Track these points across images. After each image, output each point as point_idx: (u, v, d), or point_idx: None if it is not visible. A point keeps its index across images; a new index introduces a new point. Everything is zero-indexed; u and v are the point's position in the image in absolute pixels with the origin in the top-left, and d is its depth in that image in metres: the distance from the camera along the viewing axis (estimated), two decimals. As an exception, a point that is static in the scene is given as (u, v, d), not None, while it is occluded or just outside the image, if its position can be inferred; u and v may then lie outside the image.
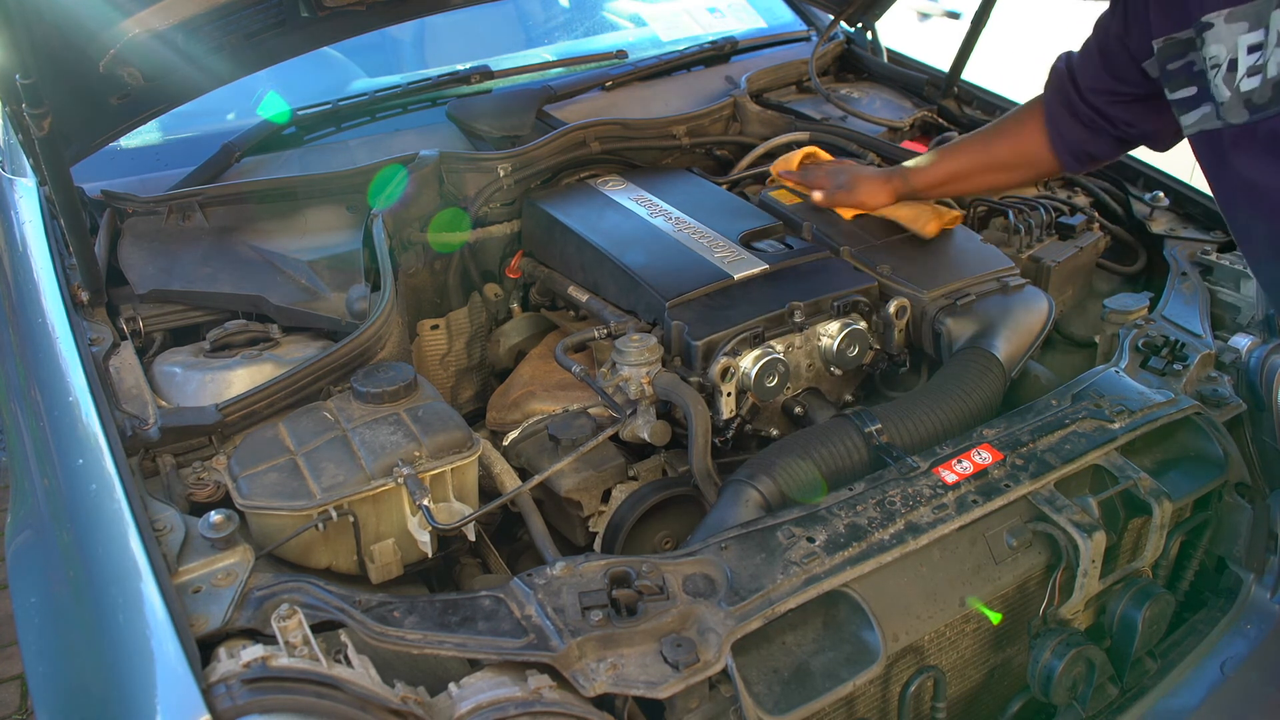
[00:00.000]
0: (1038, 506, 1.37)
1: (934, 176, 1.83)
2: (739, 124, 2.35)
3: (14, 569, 1.35)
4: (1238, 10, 1.21)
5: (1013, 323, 1.65)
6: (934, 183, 1.84)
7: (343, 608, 1.09)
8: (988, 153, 1.78)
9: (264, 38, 1.74)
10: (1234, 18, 1.21)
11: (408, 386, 1.41)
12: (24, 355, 1.55)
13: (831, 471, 1.40)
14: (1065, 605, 1.38)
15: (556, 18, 3.03)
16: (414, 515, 1.31)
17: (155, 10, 1.54)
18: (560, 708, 1.04)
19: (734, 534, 1.25)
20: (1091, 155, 1.66)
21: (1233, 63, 1.23)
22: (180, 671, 0.96)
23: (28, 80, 1.31)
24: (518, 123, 2.17)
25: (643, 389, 1.53)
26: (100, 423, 1.30)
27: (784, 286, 1.66)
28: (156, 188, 1.90)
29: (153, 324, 1.66)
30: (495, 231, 1.98)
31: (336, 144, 2.14)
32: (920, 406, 1.50)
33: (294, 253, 1.77)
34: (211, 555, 1.14)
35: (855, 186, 1.87)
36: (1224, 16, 1.23)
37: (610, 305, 1.73)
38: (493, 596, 1.15)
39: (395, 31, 2.65)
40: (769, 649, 1.23)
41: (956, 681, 1.40)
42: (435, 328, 1.94)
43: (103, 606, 1.09)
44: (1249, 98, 1.22)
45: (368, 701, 0.96)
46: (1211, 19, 1.24)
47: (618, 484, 1.56)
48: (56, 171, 1.49)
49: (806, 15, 2.84)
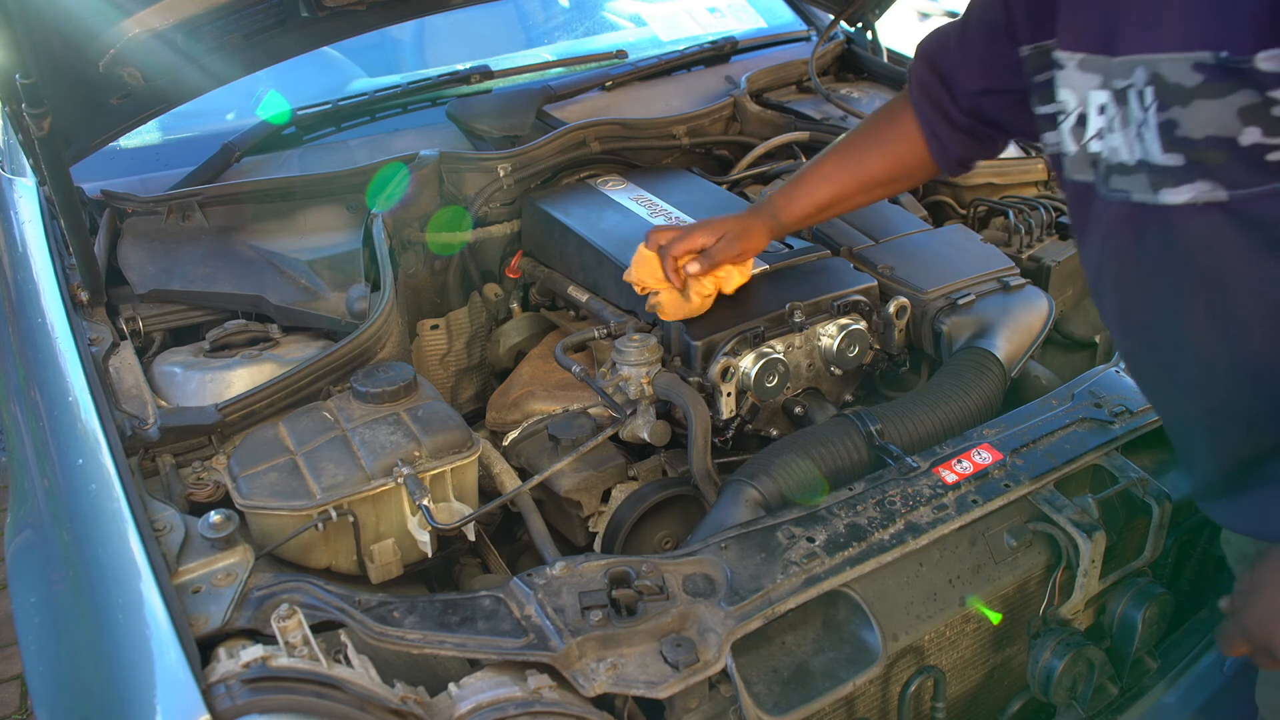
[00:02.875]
0: (1038, 506, 1.37)
1: (806, 208, 1.58)
2: (739, 124, 2.35)
3: (14, 569, 1.35)
4: (1090, 60, 1.03)
5: (1013, 322, 1.65)
6: (807, 214, 1.59)
7: (343, 608, 1.09)
8: (862, 173, 1.54)
9: (264, 38, 1.73)
10: (1086, 66, 1.04)
11: (408, 386, 1.41)
12: (24, 355, 1.55)
13: (831, 471, 1.40)
14: (1065, 605, 1.38)
15: (556, 18, 3.02)
16: (414, 515, 1.31)
17: (155, 10, 1.54)
18: (560, 708, 1.03)
19: (734, 534, 1.25)
20: (974, 160, 1.50)
21: (1082, 117, 1.06)
22: (180, 671, 0.96)
23: (28, 80, 1.31)
24: (518, 123, 2.17)
25: (642, 389, 1.53)
26: (100, 422, 1.30)
27: (784, 286, 1.66)
28: (156, 188, 1.90)
29: (152, 324, 1.66)
30: (495, 231, 1.98)
31: (336, 144, 2.14)
32: (920, 406, 1.50)
33: (294, 253, 1.77)
34: (211, 555, 1.14)
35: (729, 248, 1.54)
36: (1077, 62, 1.05)
37: (610, 305, 1.73)
38: (493, 596, 1.15)
39: (395, 31, 2.65)
40: (769, 649, 1.23)
41: (956, 681, 1.40)
42: (435, 328, 1.94)
43: (103, 606, 1.09)
44: (1095, 159, 1.05)
45: (368, 701, 0.96)
46: (1064, 59, 1.07)
47: (618, 484, 1.56)
48: (56, 171, 1.49)
49: (806, 15, 2.84)
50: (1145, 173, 0.98)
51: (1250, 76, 0.85)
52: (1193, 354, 1.05)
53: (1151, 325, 1.08)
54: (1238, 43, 0.85)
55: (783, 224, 1.60)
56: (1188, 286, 1.01)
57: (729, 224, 1.56)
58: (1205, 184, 0.93)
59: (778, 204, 1.59)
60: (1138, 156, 0.98)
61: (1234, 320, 0.99)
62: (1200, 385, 1.08)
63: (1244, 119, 0.87)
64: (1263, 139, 0.87)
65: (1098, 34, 1.02)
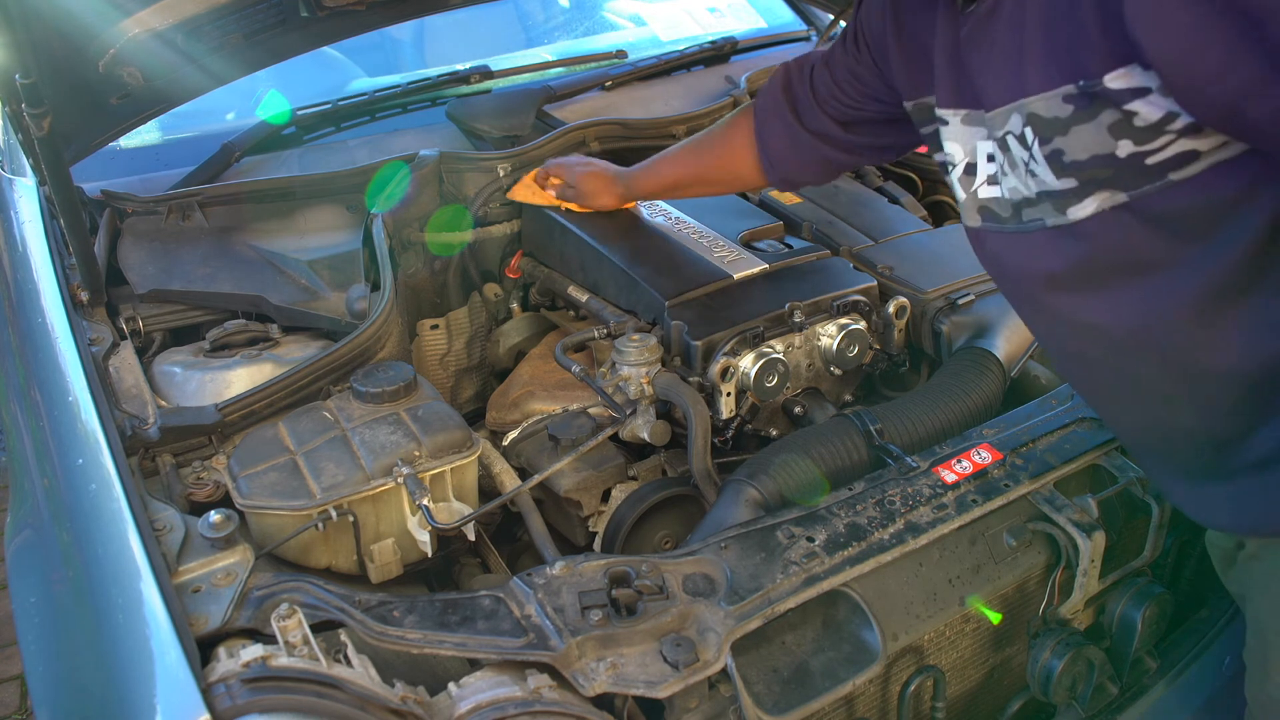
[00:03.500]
0: (1037, 506, 1.37)
1: (653, 185, 1.79)
2: (739, 124, 2.35)
3: (14, 569, 1.35)
4: (972, 115, 1.13)
5: (1013, 322, 1.65)
6: (653, 191, 1.81)
7: (343, 607, 1.09)
8: (699, 166, 1.71)
9: (264, 38, 1.73)
10: (970, 120, 1.14)
11: (407, 386, 1.41)
12: (24, 355, 1.55)
13: (831, 471, 1.40)
14: (1065, 605, 1.38)
15: (556, 18, 3.03)
16: (414, 515, 1.31)
17: (155, 10, 1.54)
18: (560, 707, 1.03)
19: (734, 533, 1.25)
20: (800, 180, 1.63)
21: (970, 166, 1.16)
22: (180, 671, 0.96)
23: (28, 80, 1.31)
24: (518, 123, 2.17)
25: (642, 389, 1.53)
26: (100, 422, 1.30)
27: (784, 286, 1.66)
28: (156, 188, 1.90)
29: (152, 324, 1.66)
30: (495, 231, 1.98)
31: (336, 144, 2.14)
32: (920, 406, 1.50)
33: (294, 253, 1.77)
34: (211, 555, 1.14)
35: (583, 186, 1.82)
36: (961, 117, 1.15)
37: (610, 305, 1.73)
38: (492, 596, 1.15)
39: (395, 31, 2.65)
40: (769, 648, 1.23)
41: (956, 681, 1.40)
42: (435, 328, 1.94)
43: (103, 606, 1.09)
44: (985, 206, 1.15)
45: (368, 701, 0.96)
46: (947, 116, 1.17)
47: (617, 484, 1.56)
48: (56, 171, 1.49)
49: (806, 15, 2.84)
50: (1049, 200, 1.06)
51: (1107, 97, 0.94)
52: (1127, 354, 1.11)
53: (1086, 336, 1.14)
54: (1089, 70, 0.94)
55: (633, 193, 1.82)
56: (1113, 286, 1.07)
57: (586, 180, 1.82)
58: (1105, 192, 1.01)
59: (634, 175, 1.80)
60: (1035, 189, 1.07)
61: (1160, 309, 1.05)
62: (1140, 384, 1.13)
63: (1114, 134, 0.96)
64: (1136, 149, 0.96)
65: (968, 93, 1.12)
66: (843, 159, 1.54)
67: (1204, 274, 1.01)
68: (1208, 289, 1.01)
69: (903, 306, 1.68)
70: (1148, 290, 1.05)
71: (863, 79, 1.41)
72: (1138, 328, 1.07)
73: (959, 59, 1.12)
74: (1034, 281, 1.15)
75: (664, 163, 1.77)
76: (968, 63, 1.11)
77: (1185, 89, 0.89)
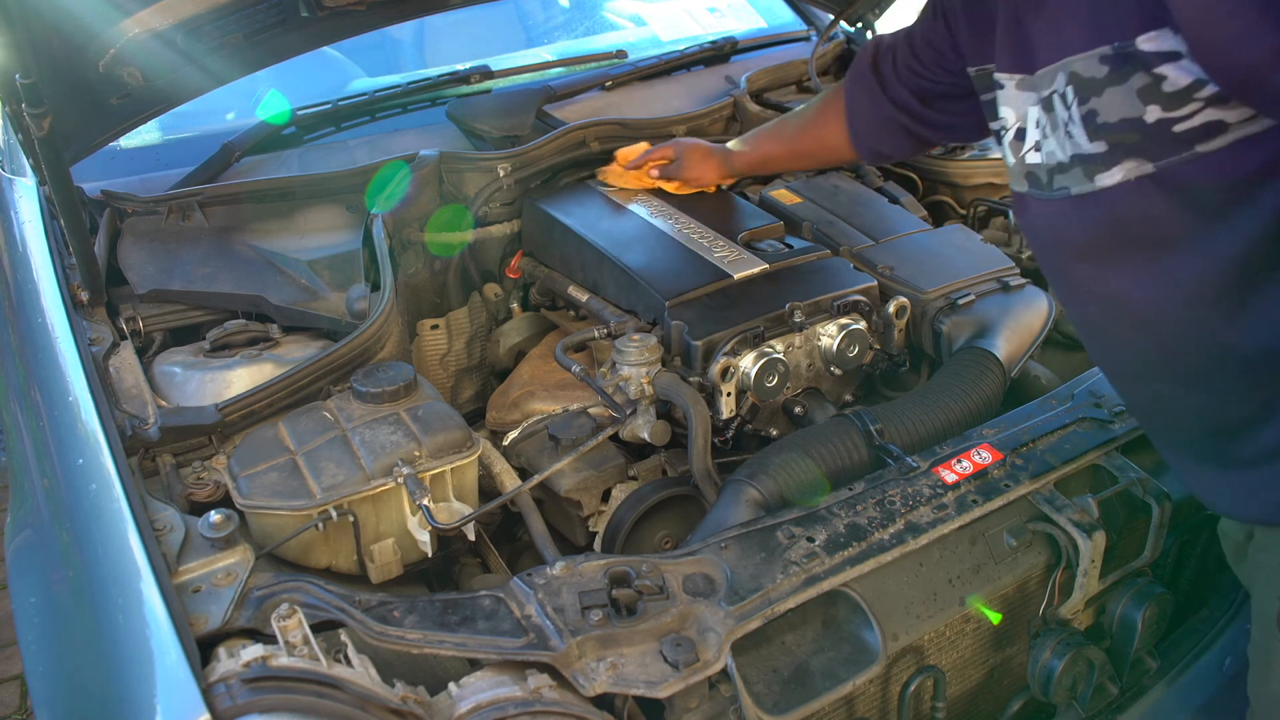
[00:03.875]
0: (1038, 506, 1.37)
1: (750, 159, 1.88)
2: (739, 124, 2.35)
3: (14, 569, 1.35)
4: (1026, 80, 1.15)
5: (1013, 322, 1.65)
6: (749, 165, 1.90)
7: (343, 607, 1.10)
8: (795, 141, 1.80)
9: (264, 38, 1.73)
10: (1024, 85, 1.15)
11: (408, 386, 1.41)
12: (24, 355, 1.55)
13: (831, 471, 1.40)
14: (1065, 605, 1.38)
15: (556, 18, 3.02)
16: (414, 515, 1.31)
17: (155, 10, 1.54)
18: (560, 707, 1.03)
19: (734, 534, 1.25)
20: (888, 154, 1.68)
21: (1020, 131, 1.17)
22: (180, 671, 0.96)
23: (28, 80, 1.31)
24: (518, 123, 2.17)
25: (643, 389, 1.53)
26: (100, 422, 1.30)
27: (784, 286, 1.66)
28: (156, 188, 1.90)
29: (152, 324, 1.66)
30: (495, 231, 1.98)
31: (336, 144, 2.14)
32: (920, 406, 1.50)
33: (294, 253, 1.77)
34: (211, 555, 1.14)
35: (688, 159, 1.90)
36: (1015, 82, 1.17)
37: (610, 305, 1.73)
38: (493, 596, 1.15)
39: (395, 31, 2.65)
40: (769, 649, 1.23)
41: (956, 681, 1.40)
42: (435, 328, 1.94)
43: (103, 606, 1.09)
44: (1031, 171, 1.16)
45: (368, 701, 0.96)
46: (1003, 80, 1.20)
47: (618, 484, 1.56)
48: (56, 171, 1.49)
49: (806, 15, 2.83)
50: (1079, 165, 1.07)
51: (1139, 59, 0.96)
52: (1144, 329, 1.12)
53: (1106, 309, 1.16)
54: (1124, 31, 0.97)
55: (733, 167, 1.91)
56: (1134, 260, 1.08)
57: (690, 151, 1.89)
58: (1131, 161, 1.02)
59: (732, 150, 1.90)
60: (1070, 152, 1.08)
61: (1179, 286, 1.06)
62: (1156, 361, 1.14)
63: (1143, 98, 0.98)
64: (1164, 114, 0.97)
65: (1024, 58, 1.14)
66: (922, 133, 1.57)
67: (1223, 253, 1.02)
68: (1226, 268, 1.02)
69: (903, 306, 1.68)
70: (1166, 266, 1.06)
71: (938, 47, 1.44)
72: (1155, 303, 1.09)
73: (1018, 23, 1.14)
74: (1061, 250, 1.17)
75: (761, 138, 1.86)
76: (1026, 27, 1.12)
77: (1208, 54, 0.91)
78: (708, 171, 1.90)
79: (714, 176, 1.92)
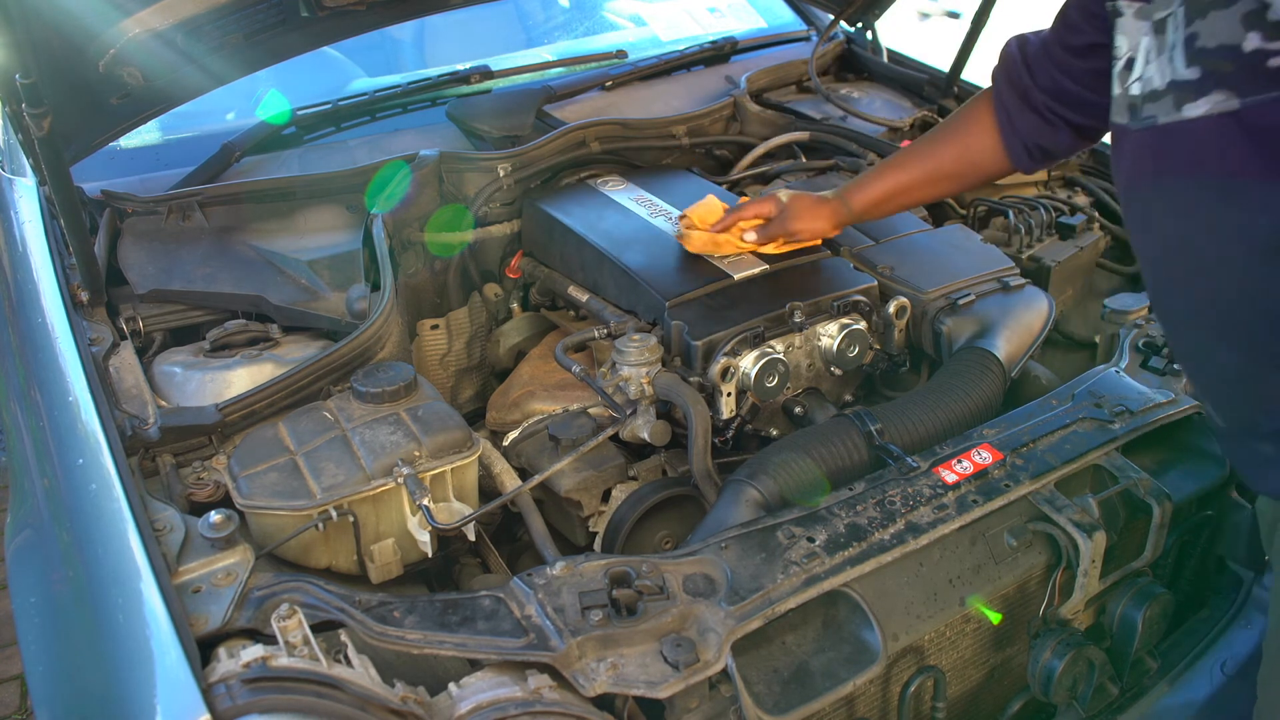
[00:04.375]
0: (1038, 506, 1.37)
1: (874, 195, 1.66)
2: (739, 124, 2.35)
3: (14, 569, 1.35)
4: (1146, 8, 1.11)
5: (1013, 322, 1.65)
6: (874, 201, 1.67)
7: (343, 608, 1.10)
8: (933, 160, 1.61)
9: (264, 38, 1.73)
10: (1142, 14, 1.12)
11: (408, 386, 1.41)
12: (24, 355, 1.55)
13: (831, 471, 1.40)
14: (1065, 605, 1.38)
15: (556, 18, 3.02)
16: (414, 515, 1.31)
17: (155, 10, 1.54)
18: (560, 708, 1.03)
19: (734, 534, 1.25)
20: (1046, 150, 1.50)
21: (1130, 61, 1.14)
22: (180, 671, 0.96)
23: (28, 80, 1.31)
24: (518, 123, 2.17)
25: (643, 389, 1.53)
26: (100, 423, 1.30)
27: (784, 286, 1.66)
28: (156, 188, 1.90)
29: (153, 324, 1.66)
30: (495, 231, 1.98)
31: (336, 144, 2.14)
32: (920, 406, 1.50)
33: (294, 253, 1.77)
34: (211, 555, 1.14)
35: (791, 215, 1.69)
36: (1134, 10, 1.13)
37: (610, 305, 1.73)
38: (493, 596, 1.15)
39: (395, 31, 2.65)
40: (769, 649, 1.23)
41: (956, 681, 1.40)
42: (435, 328, 1.94)
43: (103, 606, 1.09)
44: (1132, 101, 1.13)
45: (368, 701, 0.96)
46: (1123, 7, 1.16)
47: (618, 484, 1.56)
48: (56, 171, 1.49)
49: (806, 15, 2.84)
50: (1172, 93, 1.06)
51: None
52: (1206, 276, 1.11)
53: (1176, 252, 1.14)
54: None
55: (851, 210, 1.68)
56: (1207, 203, 1.07)
57: (796, 203, 1.69)
58: (1220, 94, 1.01)
59: (849, 190, 1.68)
60: (1167, 79, 1.07)
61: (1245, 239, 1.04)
62: (1210, 312, 1.13)
63: (1246, 25, 0.97)
64: (1262, 44, 0.96)
65: None
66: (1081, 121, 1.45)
67: None
68: None
69: (903, 306, 1.68)
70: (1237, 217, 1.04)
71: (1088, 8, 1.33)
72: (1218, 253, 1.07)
73: None
74: (1140, 183, 1.16)
75: (883, 171, 1.67)
76: None
77: None
78: (819, 221, 1.68)
79: (827, 227, 1.69)
